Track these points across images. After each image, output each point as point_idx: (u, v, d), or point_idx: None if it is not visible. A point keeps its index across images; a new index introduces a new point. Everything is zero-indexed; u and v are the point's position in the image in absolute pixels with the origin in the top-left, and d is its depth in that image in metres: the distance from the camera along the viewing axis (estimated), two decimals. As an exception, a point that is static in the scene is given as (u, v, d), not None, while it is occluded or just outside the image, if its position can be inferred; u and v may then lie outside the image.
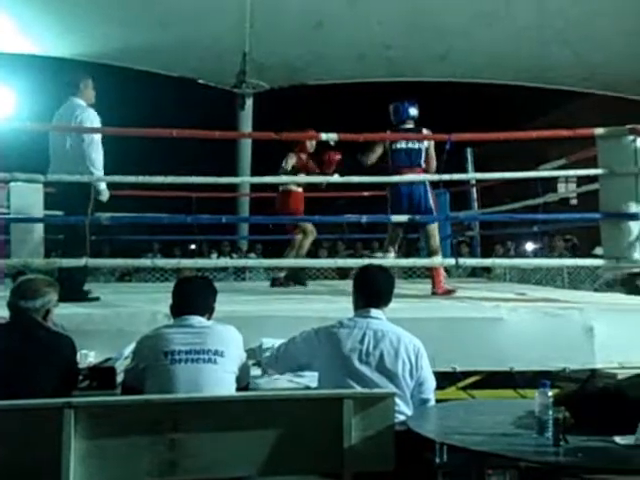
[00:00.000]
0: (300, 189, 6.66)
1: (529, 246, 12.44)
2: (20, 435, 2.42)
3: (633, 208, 4.68)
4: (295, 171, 6.50)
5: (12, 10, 8.34)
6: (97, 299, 4.85)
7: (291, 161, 6.51)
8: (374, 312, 3.14)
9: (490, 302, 4.71)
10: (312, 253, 10.50)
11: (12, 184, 5.55)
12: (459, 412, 2.93)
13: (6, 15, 8.38)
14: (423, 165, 5.66)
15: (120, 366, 3.28)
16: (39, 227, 5.46)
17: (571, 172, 6.19)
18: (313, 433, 2.61)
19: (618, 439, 2.43)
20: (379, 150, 5.73)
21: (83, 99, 5.02)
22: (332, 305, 4.42)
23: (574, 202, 19.08)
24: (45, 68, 10.67)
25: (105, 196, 5.08)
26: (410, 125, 5.74)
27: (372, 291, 3.22)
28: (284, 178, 6.33)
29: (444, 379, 3.99)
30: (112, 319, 3.95)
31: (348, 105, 15.66)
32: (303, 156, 6.61)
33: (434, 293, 5.48)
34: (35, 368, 2.90)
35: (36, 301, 3.08)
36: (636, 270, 6.68)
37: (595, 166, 4.92)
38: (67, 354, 3.08)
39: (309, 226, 6.69)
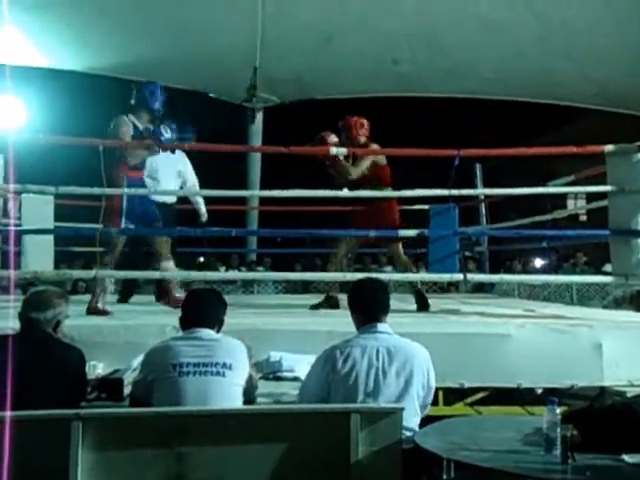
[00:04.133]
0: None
1: (538, 262, 12.41)
2: (28, 446, 2.43)
3: (642, 225, 4.68)
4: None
5: (24, 23, 8.42)
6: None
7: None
8: (381, 327, 3.11)
9: (498, 318, 4.71)
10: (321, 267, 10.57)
11: (24, 195, 5.60)
12: (466, 428, 2.92)
13: (18, 28, 8.45)
14: None
15: (128, 378, 3.29)
16: (49, 239, 5.49)
17: (580, 188, 6.19)
18: (320, 447, 2.61)
19: (627, 457, 2.42)
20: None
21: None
22: (339, 319, 4.41)
23: (583, 218, 19.04)
24: (56, 81, 10.76)
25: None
26: None
27: (373, 305, 3.18)
28: (294, 192, 5.34)
29: (452, 395, 3.99)
30: (121, 331, 3.98)
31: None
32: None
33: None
34: (44, 379, 2.91)
35: (47, 312, 3.10)
36: (645, 287, 6.65)
37: (604, 183, 4.93)
38: (76, 365, 3.09)
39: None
